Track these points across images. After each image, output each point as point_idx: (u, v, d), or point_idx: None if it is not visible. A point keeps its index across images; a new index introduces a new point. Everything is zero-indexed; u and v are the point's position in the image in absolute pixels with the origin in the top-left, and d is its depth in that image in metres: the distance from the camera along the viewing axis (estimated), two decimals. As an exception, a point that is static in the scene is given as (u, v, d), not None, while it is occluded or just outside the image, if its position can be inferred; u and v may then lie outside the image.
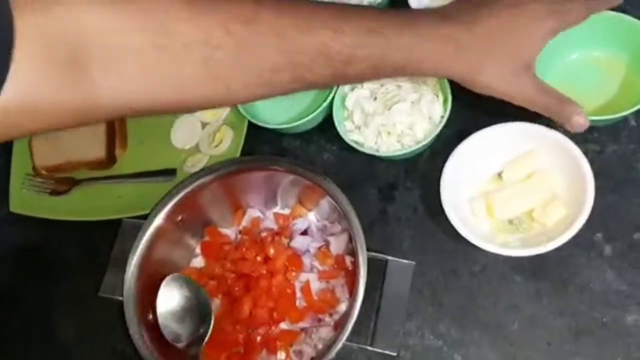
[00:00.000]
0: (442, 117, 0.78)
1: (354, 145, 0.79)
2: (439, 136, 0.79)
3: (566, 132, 0.72)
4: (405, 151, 0.77)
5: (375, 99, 0.81)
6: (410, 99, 0.79)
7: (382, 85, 0.81)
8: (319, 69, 0.59)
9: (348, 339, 0.66)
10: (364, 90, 0.82)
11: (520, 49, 0.66)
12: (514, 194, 0.74)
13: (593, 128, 0.76)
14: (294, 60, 0.58)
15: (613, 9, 0.78)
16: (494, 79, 0.66)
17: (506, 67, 0.66)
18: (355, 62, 0.60)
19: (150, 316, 0.73)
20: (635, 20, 0.73)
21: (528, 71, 0.67)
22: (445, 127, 0.81)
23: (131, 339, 0.71)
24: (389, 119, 0.78)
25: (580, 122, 0.65)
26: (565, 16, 0.67)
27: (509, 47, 0.65)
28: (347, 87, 0.81)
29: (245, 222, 0.81)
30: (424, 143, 0.77)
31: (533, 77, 0.67)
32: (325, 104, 0.82)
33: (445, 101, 0.79)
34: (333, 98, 0.84)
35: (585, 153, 0.70)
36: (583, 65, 0.79)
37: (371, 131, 0.79)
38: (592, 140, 0.76)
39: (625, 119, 0.76)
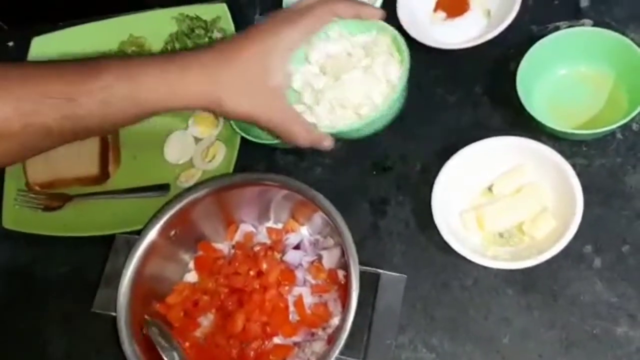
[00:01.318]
0: (401, 77, 0.74)
1: None
2: (428, 145, 0.79)
3: (555, 146, 0.73)
4: (364, 122, 0.73)
5: (325, 73, 0.76)
6: (362, 64, 0.75)
7: (329, 57, 0.77)
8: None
9: (341, 353, 0.66)
10: (312, 66, 0.77)
11: (265, 77, 0.70)
12: (504, 207, 0.75)
13: (581, 142, 0.78)
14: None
15: (598, 25, 0.80)
16: (240, 106, 0.71)
17: (253, 95, 0.70)
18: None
19: (144, 332, 0.73)
20: (621, 37, 0.75)
21: (276, 97, 0.72)
22: (436, 139, 0.83)
23: (123, 355, 0.71)
24: (341, 91, 0.74)
25: (328, 144, 0.75)
26: (304, 26, 0.72)
27: (254, 75, 0.70)
28: (291, 67, 0.74)
29: (238, 237, 0.81)
30: (383, 109, 0.73)
31: (282, 104, 0.73)
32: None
33: (402, 60, 0.75)
34: (325, 114, 0.84)
35: (574, 167, 0.71)
36: (571, 81, 0.80)
37: (322, 108, 0.74)
38: (580, 154, 0.77)
39: (612, 133, 0.77)
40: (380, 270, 0.72)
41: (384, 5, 0.89)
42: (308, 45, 0.75)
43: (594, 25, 0.83)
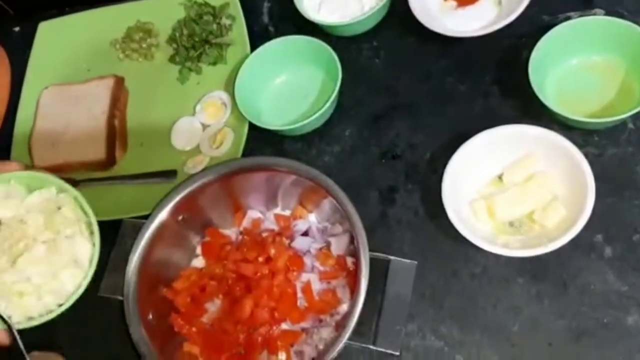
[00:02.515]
0: (92, 255, 0.64)
1: None
2: (438, 134, 0.79)
3: (566, 136, 0.73)
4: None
5: None
6: (42, 238, 0.64)
7: None
8: None
9: (350, 339, 0.66)
10: None
11: None
12: (515, 196, 0.75)
13: (593, 131, 0.77)
14: None
15: (610, 15, 0.79)
16: None
17: None
18: None
19: (150, 316, 0.72)
20: (634, 26, 0.75)
21: None
22: (446, 128, 0.82)
23: (130, 340, 0.70)
24: (19, 276, 0.63)
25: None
26: None
27: None
28: None
29: (245, 223, 0.81)
30: (73, 298, 0.64)
31: None
32: (326, 107, 0.83)
33: (92, 234, 0.65)
34: (334, 101, 0.84)
35: (585, 156, 0.71)
36: (582, 70, 0.80)
37: None
38: (591, 143, 0.77)
39: (624, 123, 0.77)
40: (391, 257, 0.71)
41: (395, -7, 0.89)
42: None
43: (606, 15, 0.82)
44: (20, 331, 0.63)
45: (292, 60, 0.90)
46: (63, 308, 0.63)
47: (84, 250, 0.65)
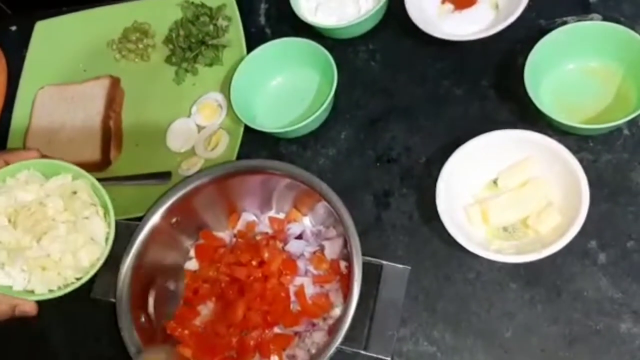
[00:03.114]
0: (108, 234, 0.69)
1: None
2: (434, 138, 0.79)
3: (561, 141, 0.73)
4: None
5: (16, 226, 0.69)
6: (61, 219, 0.69)
7: (19, 206, 0.69)
8: None
9: (342, 343, 0.66)
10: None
11: None
12: (509, 201, 0.74)
13: (588, 137, 0.77)
14: None
15: (607, 21, 0.79)
16: None
17: None
18: None
19: (143, 319, 0.72)
20: (630, 32, 0.74)
21: None
22: (441, 132, 0.82)
23: (122, 342, 0.70)
24: (41, 252, 0.67)
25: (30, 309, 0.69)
26: None
27: None
28: None
29: (240, 226, 0.81)
30: (91, 273, 0.68)
31: None
32: (321, 110, 0.82)
33: (106, 214, 0.70)
34: (330, 103, 0.84)
35: (580, 162, 0.71)
36: (579, 75, 0.79)
37: (17, 269, 0.68)
38: (586, 149, 0.77)
39: (619, 128, 0.76)
40: (384, 261, 0.71)
41: (391, -5, 0.88)
42: None
43: (603, 20, 0.82)
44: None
45: (288, 62, 0.89)
46: (82, 281, 0.68)
47: (100, 230, 0.70)
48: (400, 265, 0.71)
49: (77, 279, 0.69)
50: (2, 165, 0.70)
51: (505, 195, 0.75)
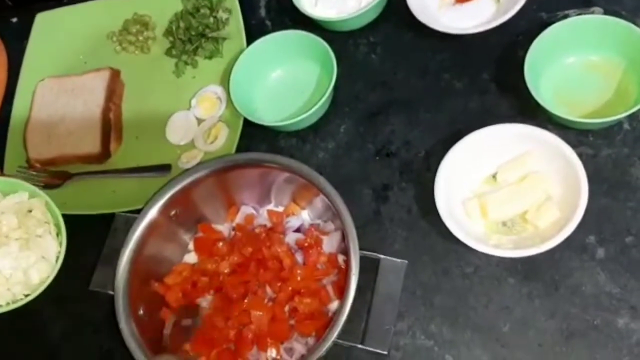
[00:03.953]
0: (59, 252, 0.70)
1: None
2: (433, 131, 0.79)
3: (561, 135, 0.73)
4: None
5: None
6: (15, 236, 0.70)
7: None
8: None
9: (339, 337, 0.66)
10: None
11: None
12: (508, 195, 0.74)
13: (588, 131, 0.77)
14: None
15: (608, 14, 0.79)
16: None
17: None
18: None
19: (141, 311, 0.73)
20: (631, 25, 0.74)
21: None
22: (441, 125, 0.82)
23: (120, 335, 0.70)
24: None
25: None
26: None
27: None
28: None
29: (239, 219, 0.81)
30: (39, 290, 0.69)
31: None
32: (320, 103, 0.82)
33: (59, 233, 0.71)
34: (329, 96, 0.84)
35: (580, 156, 0.71)
36: (579, 69, 0.79)
37: None
38: (586, 143, 0.76)
39: (619, 123, 0.76)
40: (381, 255, 0.71)
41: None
42: None
43: (604, 14, 0.82)
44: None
45: (288, 55, 0.89)
46: (29, 298, 0.69)
47: (52, 249, 0.72)
48: (398, 260, 0.71)
49: (26, 296, 0.70)
50: None
51: (504, 190, 0.75)
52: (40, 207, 0.73)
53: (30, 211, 0.73)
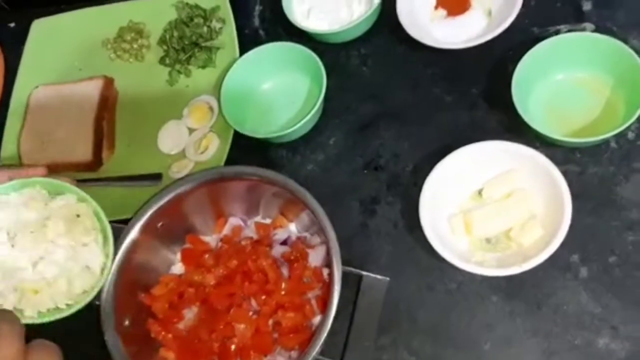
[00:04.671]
0: (104, 264, 0.67)
1: None
2: (422, 145, 0.80)
3: (548, 152, 0.73)
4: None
5: (14, 243, 0.67)
6: (61, 242, 0.67)
7: (20, 223, 0.67)
8: None
9: (320, 353, 0.66)
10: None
11: None
12: (493, 212, 0.74)
13: (575, 149, 0.77)
14: None
15: (600, 30, 0.78)
16: None
17: None
18: None
19: (127, 322, 0.73)
20: (621, 44, 0.74)
21: None
22: (430, 139, 0.82)
23: (105, 345, 0.71)
24: (38, 275, 0.66)
25: None
26: None
27: None
28: None
29: (226, 230, 0.81)
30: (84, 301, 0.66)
31: None
32: (310, 115, 0.82)
33: (106, 243, 0.67)
34: (319, 109, 0.84)
35: (566, 174, 0.71)
36: (568, 86, 0.79)
37: (9, 289, 0.66)
38: (573, 160, 0.76)
39: (606, 141, 0.76)
40: (363, 272, 0.72)
41: (382, 0, 0.88)
42: None
43: (596, 29, 0.82)
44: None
45: (279, 66, 0.89)
46: (72, 310, 0.66)
47: (97, 259, 0.68)
48: (380, 277, 0.72)
49: (68, 306, 0.67)
50: (6, 181, 0.68)
51: (489, 207, 0.75)
52: (88, 213, 0.69)
53: (77, 216, 0.69)
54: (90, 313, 0.74)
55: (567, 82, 0.79)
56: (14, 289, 0.66)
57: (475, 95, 0.84)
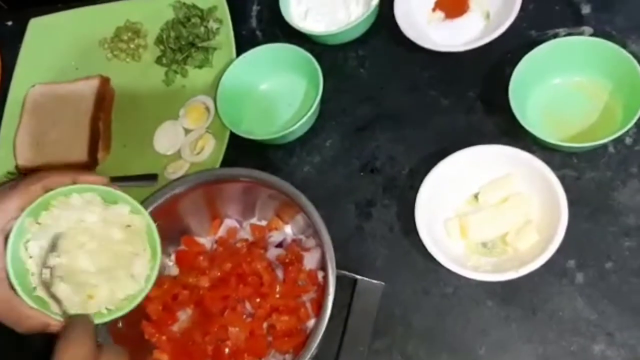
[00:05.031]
0: (149, 276, 0.66)
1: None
2: (418, 148, 0.80)
3: (545, 156, 0.72)
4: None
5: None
6: (118, 249, 0.65)
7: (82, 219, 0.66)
8: None
9: (314, 356, 0.66)
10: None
11: None
12: (489, 217, 0.74)
13: (572, 154, 0.76)
14: None
15: (599, 34, 0.78)
16: None
17: None
18: None
19: (120, 324, 0.73)
20: (619, 48, 0.73)
21: None
22: (426, 142, 0.82)
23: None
24: (96, 277, 0.64)
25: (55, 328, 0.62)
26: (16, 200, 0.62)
27: None
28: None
29: (221, 232, 0.81)
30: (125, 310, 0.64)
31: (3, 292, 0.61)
32: (307, 117, 0.82)
33: (153, 256, 0.66)
34: (315, 111, 0.84)
35: (563, 179, 0.70)
36: (566, 90, 0.78)
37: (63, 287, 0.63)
38: (570, 165, 0.76)
39: (604, 146, 0.76)
40: (358, 277, 0.71)
41: (380, 2, 0.87)
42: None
43: (594, 33, 0.81)
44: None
45: (276, 67, 0.89)
46: (113, 315, 0.64)
47: (143, 271, 0.67)
48: (375, 281, 0.72)
49: (109, 311, 0.66)
50: (69, 182, 0.67)
51: (485, 211, 0.75)
52: (141, 226, 0.68)
53: (129, 226, 0.68)
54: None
55: (565, 86, 0.78)
56: (72, 291, 0.64)
57: (472, 98, 0.83)
